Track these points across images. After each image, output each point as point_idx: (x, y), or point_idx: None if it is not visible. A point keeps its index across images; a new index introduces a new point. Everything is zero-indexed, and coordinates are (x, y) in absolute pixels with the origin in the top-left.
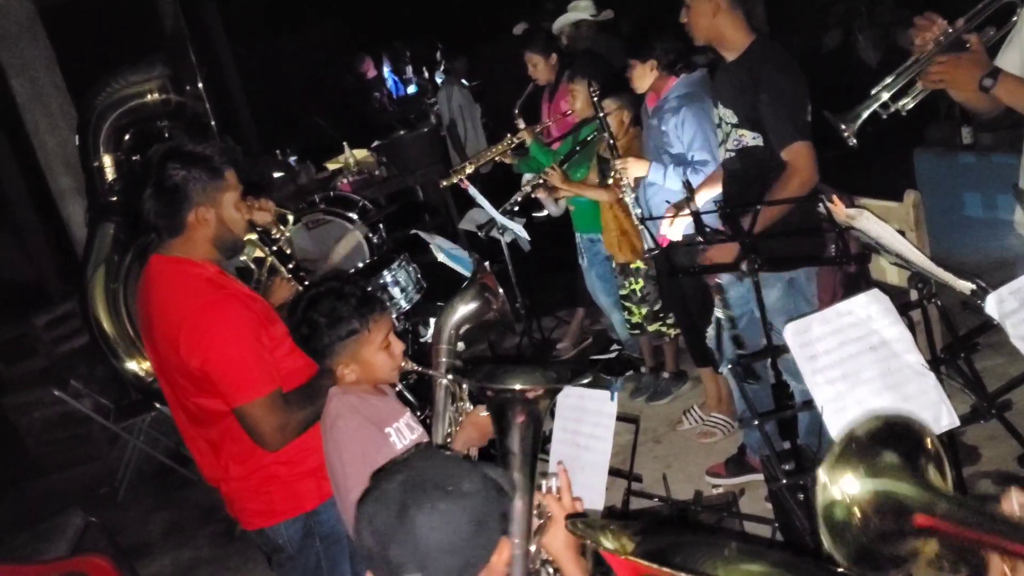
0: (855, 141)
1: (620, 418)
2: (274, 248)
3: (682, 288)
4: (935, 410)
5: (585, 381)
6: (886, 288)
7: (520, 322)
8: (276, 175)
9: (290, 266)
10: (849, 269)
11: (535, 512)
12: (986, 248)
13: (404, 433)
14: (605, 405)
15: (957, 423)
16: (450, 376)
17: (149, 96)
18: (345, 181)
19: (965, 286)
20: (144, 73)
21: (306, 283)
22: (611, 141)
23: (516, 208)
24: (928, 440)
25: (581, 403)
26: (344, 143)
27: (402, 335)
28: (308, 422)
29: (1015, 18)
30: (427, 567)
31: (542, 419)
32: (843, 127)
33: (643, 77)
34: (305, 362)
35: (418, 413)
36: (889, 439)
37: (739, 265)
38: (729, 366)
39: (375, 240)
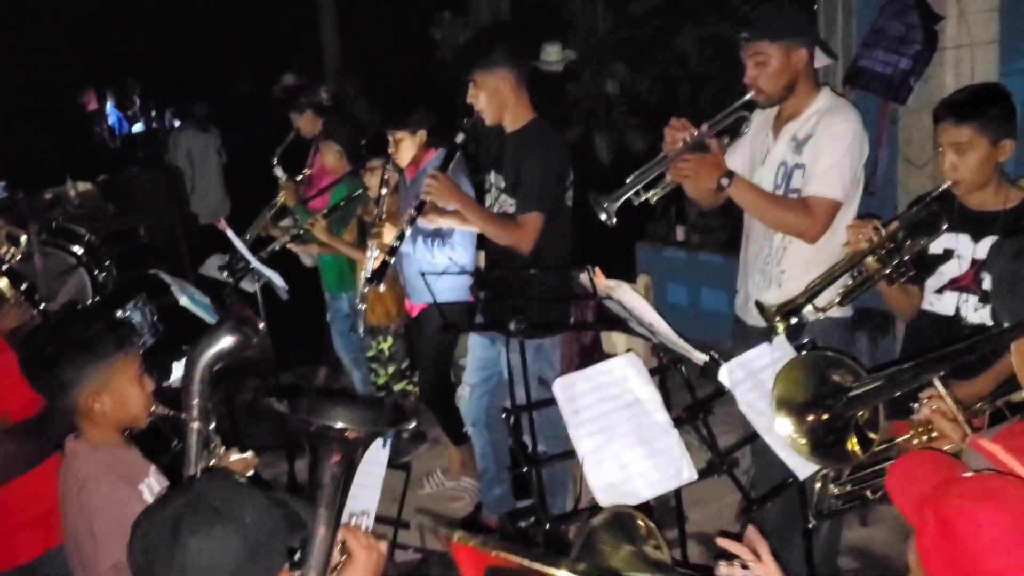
0: (615, 220)
1: (391, 465)
2: (3, 269)
3: (432, 353)
4: (677, 465)
5: (410, 426)
6: None
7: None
8: None
9: (23, 288)
10: (584, 341)
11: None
12: (690, 333)
13: (154, 489)
14: (376, 454)
15: (696, 477)
16: (200, 422)
17: None
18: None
19: (701, 357)
20: None
21: (41, 307)
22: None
23: (269, 255)
24: (641, 522)
25: None
26: (67, 175)
27: None
28: (38, 457)
29: (744, 128)
30: None
31: (357, 460)
32: (605, 205)
33: (411, 149)
34: (36, 395)
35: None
36: (616, 528)
37: (508, 326)
38: (474, 426)
39: (100, 278)
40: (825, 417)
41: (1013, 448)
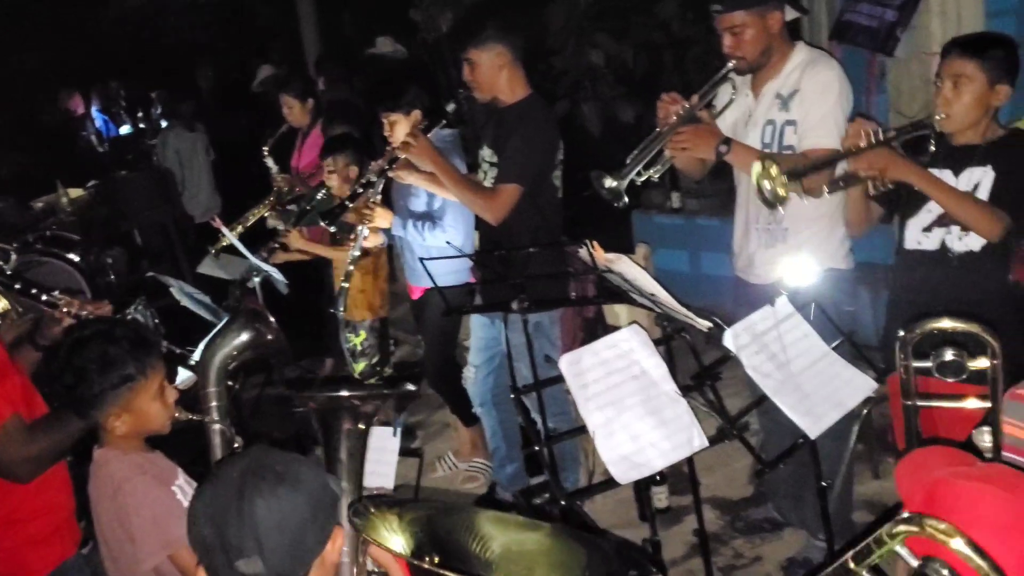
0: (626, 199)
1: (403, 452)
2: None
3: (436, 336)
4: (688, 433)
5: (412, 388)
6: None
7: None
8: None
9: (43, 297)
10: (588, 315)
11: None
12: (691, 299)
13: (186, 490)
14: (388, 441)
15: (707, 444)
16: (221, 423)
17: None
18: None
19: (704, 324)
20: None
21: (71, 314)
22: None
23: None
24: None
25: None
26: (57, 181)
27: None
28: (59, 453)
29: (732, 96)
30: (264, 549)
31: (368, 427)
32: (612, 187)
33: (405, 130)
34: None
35: None
36: None
37: (510, 305)
38: (482, 407)
39: (101, 284)
40: None
41: None
